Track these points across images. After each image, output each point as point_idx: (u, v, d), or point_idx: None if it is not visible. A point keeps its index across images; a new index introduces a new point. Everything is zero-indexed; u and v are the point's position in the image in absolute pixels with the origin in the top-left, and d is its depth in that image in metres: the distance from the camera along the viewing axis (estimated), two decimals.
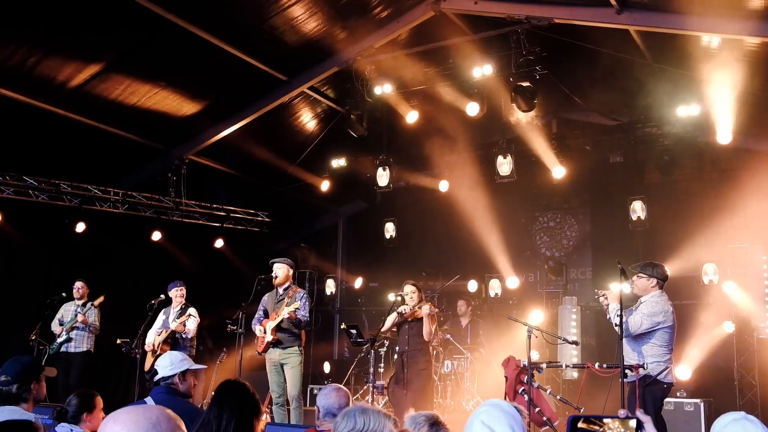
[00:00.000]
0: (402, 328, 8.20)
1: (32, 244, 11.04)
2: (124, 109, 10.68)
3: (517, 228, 13.58)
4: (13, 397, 4.12)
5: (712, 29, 8.49)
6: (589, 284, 12.49)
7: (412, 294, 8.11)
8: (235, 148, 12.50)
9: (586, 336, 11.33)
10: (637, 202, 11.14)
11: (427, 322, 7.88)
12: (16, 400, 4.12)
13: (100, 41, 9.29)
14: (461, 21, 10.36)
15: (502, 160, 11.26)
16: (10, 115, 9.84)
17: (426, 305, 7.94)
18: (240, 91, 11.18)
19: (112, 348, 10.14)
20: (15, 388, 4.13)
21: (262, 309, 8.49)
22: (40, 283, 11.02)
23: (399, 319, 8.14)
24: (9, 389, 4.12)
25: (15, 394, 4.13)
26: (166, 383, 4.55)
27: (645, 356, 6.25)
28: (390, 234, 13.38)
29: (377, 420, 3.00)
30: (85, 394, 4.65)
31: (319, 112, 12.63)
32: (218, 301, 11.29)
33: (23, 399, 4.16)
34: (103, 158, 11.42)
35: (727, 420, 3.17)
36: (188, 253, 12.43)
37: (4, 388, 4.12)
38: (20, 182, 10.62)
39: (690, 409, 9.10)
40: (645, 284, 6.48)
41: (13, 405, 4.10)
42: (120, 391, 11.91)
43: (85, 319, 9.78)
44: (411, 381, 7.88)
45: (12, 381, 4.13)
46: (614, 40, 9.63)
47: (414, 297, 8.10)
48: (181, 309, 9.20)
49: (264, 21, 9.66)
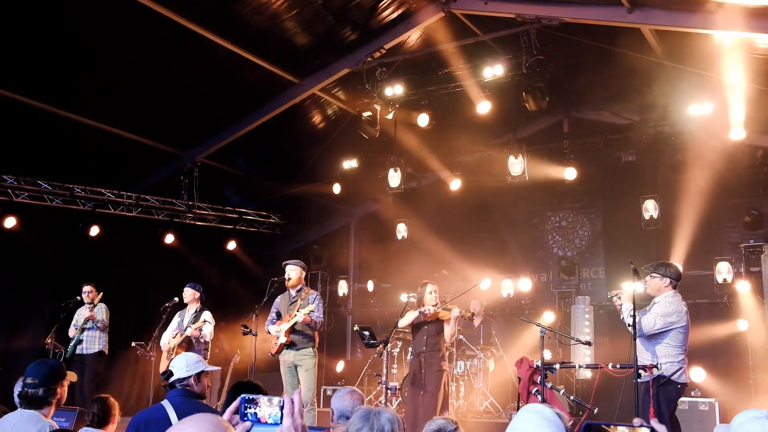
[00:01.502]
0: (420, 328, 8.09)
1: (47, 248, 11.10)
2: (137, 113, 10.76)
3: (529, 228, 13.57)
4: (38, 400, 4.11)
5: (723, 27, 8.44)
6: (602, 284, 12.47)
7: (434, 293, 8.02)
8: (247, 150, 12.56)
9: (599, 336, 11.30)
10: (650, 201, 11.12)
11: (453, 325, 7.83)
12: (41, 403, 4.11)
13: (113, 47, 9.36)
14: (471, 21, 10.36)
15: (514, 159, 11.25)
16: (24, 120, 9.92)
17: (456, 308, 7.86)
18: (251, 93, 11.22)
19: (127, 350, 10.20)
20: (41, 391, 4.11)
21: (275, 311, 8.50)
22: (55, 286, 11.09)
23: (418, 319, 8.07)
24: (35, 392, 4.10)
25: (41, 397, 4.11)
26: (182, 385, 4.57)
27: (659, 356, 6.23)
28: (402, 235, 13.39)
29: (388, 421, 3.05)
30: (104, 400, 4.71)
31: (330, 113, 12.66)
32: (231, 303, 11.36)
33: (48, 402, 4.15)
34: (116, 162, 11.51)
35: (747, 417, 3.13)
36: (201, 256, 12.50)
37: (30, 390, 4.10)
38: (35, 187, 10.69)
39: (704, 408, 9.07)
40: (658, 284, 6.45)
41: (36, 408, 4.10)
42: (135, 393, 11.99)
43: (93, 315, 9.82)
44: (428, 382, 7.86)
45: (39, 384, 4.11)
46: (626, 38, 9.61)
47: (435, 296, 8.02)
48: (196, 312, 9.23)
49: (275, 24, 9.70)
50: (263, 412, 2.13)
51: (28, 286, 11.08)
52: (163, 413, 4.25)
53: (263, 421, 2.13)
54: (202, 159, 12.29)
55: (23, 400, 4.12)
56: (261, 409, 2.13)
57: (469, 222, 12.76)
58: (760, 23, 8.20)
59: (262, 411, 2.13)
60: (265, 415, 2.13)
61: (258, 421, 2.13)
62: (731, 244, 11.38)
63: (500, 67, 10.26)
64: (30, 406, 4.09)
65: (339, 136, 12.69)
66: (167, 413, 4.24)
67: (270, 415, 2.12)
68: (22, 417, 4.04)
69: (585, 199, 13.13)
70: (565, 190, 12.33)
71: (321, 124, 12.84)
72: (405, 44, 11.07)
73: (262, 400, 2.14)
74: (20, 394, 4.14)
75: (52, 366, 4.29)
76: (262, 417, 2.13)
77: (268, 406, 2.13)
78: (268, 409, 2.13)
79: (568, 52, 10.33)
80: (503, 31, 10.07)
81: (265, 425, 2.12)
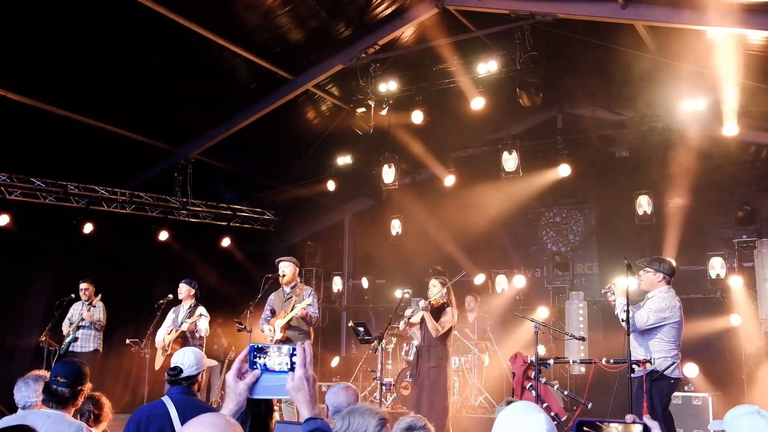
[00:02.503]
0: (421, 324, 8.21)
1: (40, 245, 11.09)
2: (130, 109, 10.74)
3: (523, 223, 13.60)
4: (65, 399, 4.09)
5: (716, 23, 8.47)
6: (596, 279, 12.52)
7: (432, 288, 7.99)
8: (241, 146, 12.55)
9: (593, 331, 11.34)
10: (643, 197, 11.18)
11: (427, 318, 7.82)
12: (66, 403, 4.09)
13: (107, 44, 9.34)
14: (465, 17, 10.36)
15: (508, 156, 11.27)
16: (17, 117, 9.89)
17: (422, 300, 7.89)
18: (245, 89, 11.21)
19: (122, 348, 10.19)
20: (68, 392, 4.09)
21: (269, 308, 8.50)
22: (49, 284, 11.07)
23: None
24: (64, 391, 4.08)
25: (68, 397, 4.09)
26: (189, 383, 4.57)
27: (652, 351, 6.26)
28: (396, 231, 13.42)
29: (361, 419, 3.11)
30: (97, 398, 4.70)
31: (324, 110, 12.66)
32: (225, 300, 11.34)
33: (72, 403, 4.14)
34: (109, 159, 11.49)
35: (738, 412, 3.17)
36: (195, 252, 12.48)
37: (60, 388, 4.08)
38: (28, 184, 10.67)
39: (698, 403, 9.11)
40: (651, 279, 6.47)
41: (61, 407, 4.06)
42: (129, 390, 11.98)
43: (91, 316, 9.82)
44: (424, 377, 7.90)
45: (69, 383, 4.10)
46: (619, 34, 9.63)
47: (434, 291, 7.96)
48: (191, 308, 9.23)
49: (268, 20, 9.68)
50: (272, 361, 2.20)
51: (22, 284, 11.05)
52: (164, 409, 4.25)
53: (272, 369, 2.19)
54: (196, 155, 12.28)
55: (51, 397, 4.07)
56: (270, 358, 2.20)
57: (463, 218, 12.77)
58: (752, 19, 8.24)
59: (272, 360, 2.20)
60: (274, 364, 2.19)
61: (267, 370, 2.20)
62: (724, 239, 11.42)
63: (494, 63, 10.27)
64: (57, 405, 4.06)
65: (333, 133, 12.68)
66: (168, 409, 4.24)
67: (279, 363, 2.19)
68: (49, 419, 3.99)
69: (579, 195, 13.16)
70: (559, 185, 12.35)
71: (315, 120, 12.83)
72: (399, 40, 11.07)
73: (271, 349, 2.21)
74: (47, 389, 4.10)
75: (79, 367, 4.28)
76: (271, 366, 2.20)
77: (277, 355, 2.20)
78: (277, 359, 2.20)
79: (562, 49, 10.34)
80: (497, 27, 10.07)
81: (274, 373, 2.19)
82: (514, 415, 2.23)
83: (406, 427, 3.30)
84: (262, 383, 2.20)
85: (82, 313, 9.84)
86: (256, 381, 2.19)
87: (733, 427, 3.20)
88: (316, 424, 2.24)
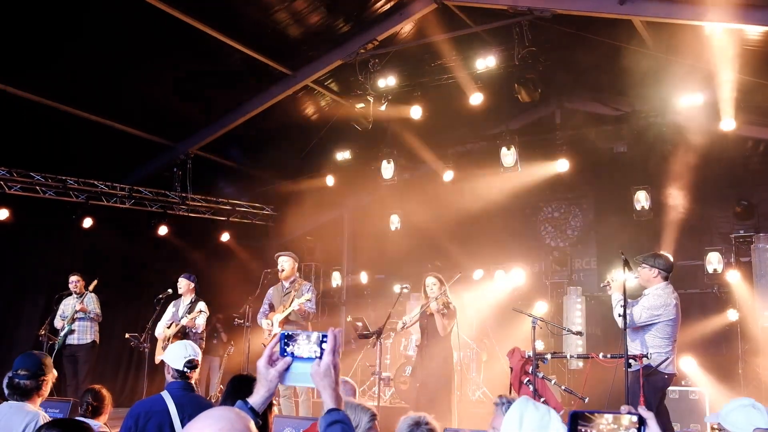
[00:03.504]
0: (421, 322, 8.24)
1: (40, 240, 11.12)
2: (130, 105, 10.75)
3: (521, 219, 13.61)
4: (28, 390, 4.16)
5: (714, 19, 8.48)
6: (594, 274, 12.55)
7: (432, 286, 8.05)
8: (240, 142, 12.56)
9: (591, 326, 11.38)
10: (641, 192, 11.20)
11: (438, 318, 7.87)
12: (29, 394, 4.16)
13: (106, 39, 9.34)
14: (464, 13, 10.36)
15: (506, 151, 11.28)
16: (17, 112, 9.90)
17: (433, 303, 7.91)
18: (244, 84, 11.22)
19: (121, 342, 10.22)
20: (31, 383, 4.16)
21: (268, 302, 8.54)
22: (48, 278, 11.10)
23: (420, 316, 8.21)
24: (26, 383, 4.15)
25: (30, 388, 4.16)
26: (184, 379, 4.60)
27: (647, 347, 6.30)
28: (395, 226, 13.45)
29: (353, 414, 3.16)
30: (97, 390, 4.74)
31: (323, 105, 12.66)
32: (225, 295, 11.38)
33: (36, 393, 4.20)
34: (109, 154, 11.50)
35: (733, 405, 3.22)
36: (194, 247, 12.52)
37: (22, 381, 4.15)
38: (27, 178, 10.68)
39: (694, 397, 9.14)
40: (647, 275, 6.51)
41: (25, 399, 4.14)
42: (129, 384, 12.03)
43: (84, 307, 9.83)
44: (426, 375, 7.93)
45: (30, 375, 4.16)
46: (617, 30, 9.64)
47: (435, 289, 8.04)
48: (191, 303, 9.26)
49: (268, 15, 9.69)
50: (302, 349, 2.23)
51: (22, 278, 11.08)
52: (163, 405, 4.28)
53: (301, 357, 2.23)
54: (195, 150, 12.29)
55: (14, 390, 4.16)
56: (300, 346, 2.24)
57: (462, 213, 12.78)
58: (750, 14, 8.25)
59: (301, 348, 2.24)
60: (303, 351, 2.23)
61: (296, 357, 2.23)
62: (722, 234, 11.45)
63: (492, 58, 10.27)
64: (20, 397, 4.14)
65: (332, 128, 12.69)
66: (167, 405, 4.27)
67: (308, 351, 2.23)
68: (10, 409, 4.09)
69: (577, 190, 13.17)
70: (557, 181, 12.36)
71: (314, 115, 12.85)
72: (398, 36, 11.07)
73: (300, 337, 2.25)
74: (10, 384, 4.18)
75: (40, 358, 4.34)
76: (300, 354, 2.23)
77: (306, 343, 2.23)
78: (306, 346, 2.23)
79: (560, 44, 10.35)
80: (496, 23, 10.07)
81: (303, 360, 2.22)
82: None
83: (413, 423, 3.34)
84: (292, 371, 2.24)
85: (75, 305, 9.86)
86: (287, 368, 2.23)
87: (728, 420, 3.25)
88: (339, 416, 2.22)
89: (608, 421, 1.93)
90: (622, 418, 1.93)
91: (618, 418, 1.93)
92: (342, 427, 2.20)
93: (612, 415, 1.93)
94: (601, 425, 1.91)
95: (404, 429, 3.36)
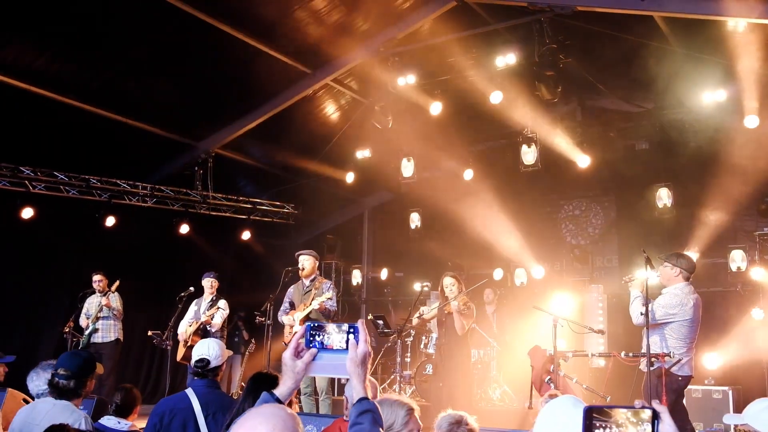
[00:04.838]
0: (440, 320, 8.27)
1: (63, 238, 11.25)
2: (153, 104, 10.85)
3: (542, 216, 13.56)
4: (70, 391, 4.15)
5: (737, 14, 8.38)
6: (616, 272, 12.45)
7: (451, 287, 8.08)
8: (261, 140, 12.61)
9: (612, 324, 11.29)
10: (663, 189, 11.10)
11: (457, 318, 7.89)
12: (71, 395, 4.15)
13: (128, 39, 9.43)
14: (483, 10, 10.33)
15: (527, 149, 11.23)
16: (42, 111, 10.02)
17: (454, 302, 7.93)
18: (265, 83, 11.26)
19: (144, 340, 10.32)
20: (73, 383, 4.15)
21: (288, 301, 8.57)
22: (72, 276, 11.24)
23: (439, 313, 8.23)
24: (67, 383, 4.14)
25: (72, 388, 4.15)
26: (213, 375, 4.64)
27: (666, 347, 6.24)
28: (415, 224, 13.45)
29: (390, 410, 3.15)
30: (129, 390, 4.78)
31: (343, 103, 12.68)
32: (246, 293, 11.45)
33: (78, 394, 4.19)
34: (131, 153, 11.60)
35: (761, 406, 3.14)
36: (216, 246, 12.60)
37: (62, 381, 4.14)
38: (51, 178, 10.81)
39: (718, 396, 9.08)
40: (669, 274, 6.45)
41: (66, 399, 4.13)
42: (151, 382, 12.14)
43: (108, 302, 9.95)
44: (446, 374, 7.94)
45: (72, 375, 4.15)
46: (639, 26, 9.56)
47: (454, 289, 8.06)
48: (212, 300, 9.33)
49: (288, 14, 9.72)
50: (331, 339, 2.19)
51: (46, 276, 11.22)
52: (188, 402, 4.32)
53: (330, 347, 2.18)
54: (216, 149, 12.36)
55: (54, 389, 4.15)
56: (329, 336, 2.19)
57: (482, 211, 12.75)
58: None
59: (331, 339, 2.19)
60: (332, 342, 2.18)
61: (324, 348, 2.19)
62: (746, 232, 11.32)
63: (512, 56, 10.22)
64: (60, 397, 4.13)
65: (352, 126, 12.70)
66: (191, 402, 4.30)
67: (337, 342, 2.18)
68: (54, 407, 4.06)
69: (598, 188, 13.08)
70: (578, 178, 12.29)
71: (334, 114, 12.87)
72: (418, 33, 11.05)
73: (330, 327, 2.20)
74: (51, 383, 4.17)
75: (85, 358, 4.33)
76: (329, 344, 2.18)
77: (336, 333, 2.19)
78: (336, 336, 2.19)
79: (580, 41, 10.29)
80: (515, 20, 10.04)
81: (331, 351, 2.18)
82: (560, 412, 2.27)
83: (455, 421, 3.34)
84: (319, 362, 2.20)
85: (101, 303, 9.97)
86: (313, 359, 2.20)
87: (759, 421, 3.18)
88: (370, 405, 2.23)
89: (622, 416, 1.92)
90: (636, 413, 1.93)
91: (631, 412, 1.93)
92: (372, 416, 2.21)
93: (625, 410, 1.93)
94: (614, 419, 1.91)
95: (444, 426, 3.36)
